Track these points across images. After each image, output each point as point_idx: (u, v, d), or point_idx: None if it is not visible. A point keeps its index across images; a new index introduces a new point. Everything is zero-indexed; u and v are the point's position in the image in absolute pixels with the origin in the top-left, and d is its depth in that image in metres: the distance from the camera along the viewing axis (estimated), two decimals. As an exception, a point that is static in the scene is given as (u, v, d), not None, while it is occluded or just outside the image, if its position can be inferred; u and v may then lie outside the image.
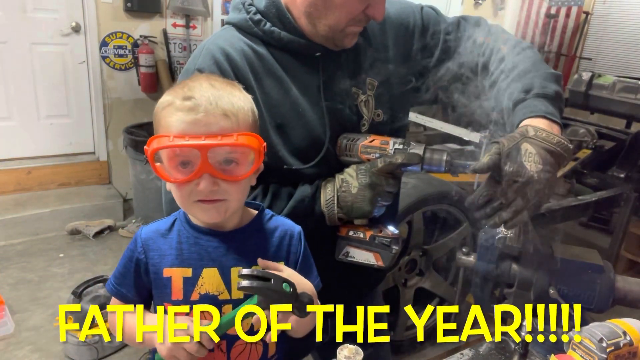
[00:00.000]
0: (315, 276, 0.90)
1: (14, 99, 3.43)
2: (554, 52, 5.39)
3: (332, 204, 0.92)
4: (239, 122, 0.76)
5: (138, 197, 3.47)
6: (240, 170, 0.77)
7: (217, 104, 0.74)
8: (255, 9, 0.97)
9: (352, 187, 0.91)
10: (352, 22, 0.94)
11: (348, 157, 0.98)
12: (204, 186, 0.74)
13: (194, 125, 0.73)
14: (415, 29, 1.10)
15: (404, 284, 2.30)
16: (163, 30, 3.69)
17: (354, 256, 0.94)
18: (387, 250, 0.92)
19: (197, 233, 0.83)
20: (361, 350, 0.72)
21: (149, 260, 0.83)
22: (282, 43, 0.97)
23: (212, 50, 0.95)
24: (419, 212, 2.17)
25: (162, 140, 0.73)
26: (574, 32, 5.27)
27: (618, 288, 0.97)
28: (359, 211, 0.91)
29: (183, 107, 0.74)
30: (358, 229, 0.94)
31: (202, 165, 0.73)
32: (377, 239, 0.92)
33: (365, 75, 1.04)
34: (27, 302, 2.58)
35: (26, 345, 2.28)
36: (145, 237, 0.84)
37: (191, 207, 0.79)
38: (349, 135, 0.99)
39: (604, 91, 3.51)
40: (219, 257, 0.82)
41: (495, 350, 1.03)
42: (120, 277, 0.85)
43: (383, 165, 0.89)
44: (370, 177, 0.90)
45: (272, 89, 0.96)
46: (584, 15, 5.17)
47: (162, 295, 0.83)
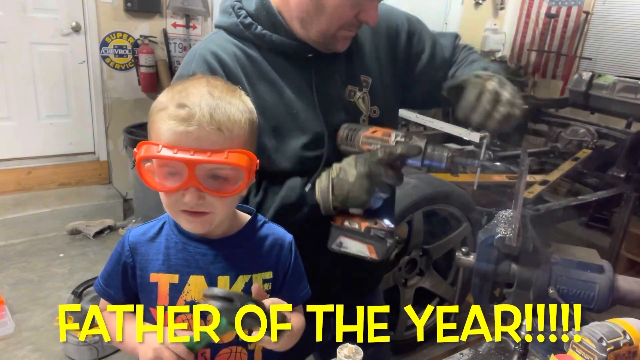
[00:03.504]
0: (304, 286, 0.89)
1: (14, 99, 3.43)
2: (554, 52, 5.39)
3: (326, 192, 0.90)
4: (232, 136, 0.73)
5: (138, 197, 3.47)
6: (229, 187, 0.75)
7: (212, 117, 0.71)
8: (245, 12, 0.97)
9: (350, 175, 0.89)
10: (344, 26, 0.94)
11: (349, 147, 0.96)
12: (189, 199, 0.73)
13: (185, 137, 0.70)
14: (403, 33, 1.12)
15: (404, 284, 2.30)
16: (163, 30, 3.70)
17: (348, 247, 0.92)
18: (382, 243, 0.90)
19: (185, 239, 0.82)
20: (361, 349, 0.72)
21: (136, 264, 0.82)
22: (274, 45, 0.96)
23: (204, 55, 0.94)
24: (419, 212, 2.17)
25: (151, 149, 0.72)
26: (574, 32, 5.27)
27: (618, 288, 0.97)
28: (355, 200, 0.89)
29: (176, 115, 0.71)
30: (353, 219, 0.92)
31: (189, 179, 0.71)
32: (372, 231, 0.90)
33: (359, 72, 1.05)
34: (27, 302, 2.58)
35: (26, 345, 2.28)
36: (132, 241, 0.83)
37: (177, 216, 0.78)
38: (350, 126, 0.98)
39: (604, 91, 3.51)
40: (206, 265, 0.81)
41: (495, 350, 1.03)
42: (108, 278, 0.84)
43: (383, 155, 0.88)
44: (369, 166, 0.88)
45: (265, 92, 0.96)
46: (584, 15, 5.16)
47: (148, 300, 0.82)
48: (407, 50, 1.12)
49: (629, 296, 0.97)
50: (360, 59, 1.06)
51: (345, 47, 1.00)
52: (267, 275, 0.84)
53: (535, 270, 0.98)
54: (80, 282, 2.27)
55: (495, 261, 1.00)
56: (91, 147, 3.79)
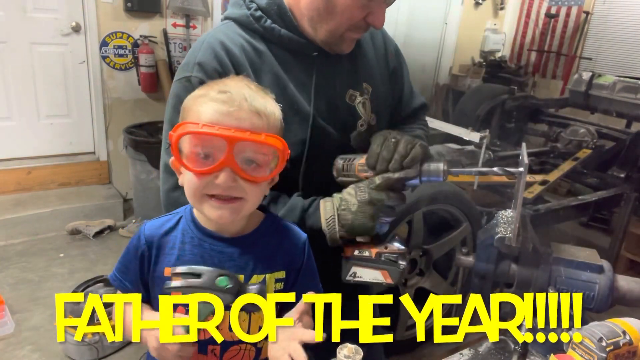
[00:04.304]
0: (316, 284, 0.90)
1: (14, 99, 3.43)
2: (554, 52, 5.39)
3: (332, 222, 0.91)
4: (269, 123, 0.77)
5: (138, 197, 3.47)
6: (260, 173, 0.77)
7: (251, 102, 0.75)
8: (256, 5, 0.98)
9: (351, 204, 0.90)
10: (351, 28, 0.96)
11: (346, 177, 0.97)
12: (223, 180, 0.73)
13: (226, 116, 0.73)
14: (391, 62, 1.16)
15: (404, 284, 2.30)
16: (163, 30, 3.70)
17: (362, 276, 0.92)
18: (395, 267, 0.91)
19: (201, 235, 0.83)
20: (361, 350, 0.72)
21: (152, 257, 0.83)
22: (282, 40, 0.98)
23: (212, 44, 0.95)
24: (419, 212, 2.17)
25: (190, 127, 0.73)
26: (574, 32, 5.27)
27: (618, 288, 0.97)
28: (360, 228, 0.90)
29: (217, 98, 0.74)
30: (363, 247, 0.93)
31: (226, 159, 0.72)
32: (384, 256, 0.91)
33: (362, 79, 1.07)
34: (27, 302, 2.58)
35: (26, 345, 2.28)
36: (148, 234, 0.84)
37: (202, 203, 0.78)
38: (345, 156, 0.99)
39: (604, 91, 3.51)
40: (220, 263, 0.81)
41: (495, 350, 1.03)
42: (124, 270, 0.85)
43: (381, 181, 0.89)
44: (369, 193, 0.89)
45: (270, 85, 0.96)
46: (584, 15, 5.16)
47: (160, 293, 0.82)
48: (390, 79, 1.16)
49: (629, 296, 0.97)
50: (363, 66, 1.08)
51: (350, 48, 1.01)
52: (280, 275, 0.85)
53: (535, 270, 0.98)
54: (80, 282, 2.27)
55: (495, 261, 1.01)
56: (91, 147, 3.79)
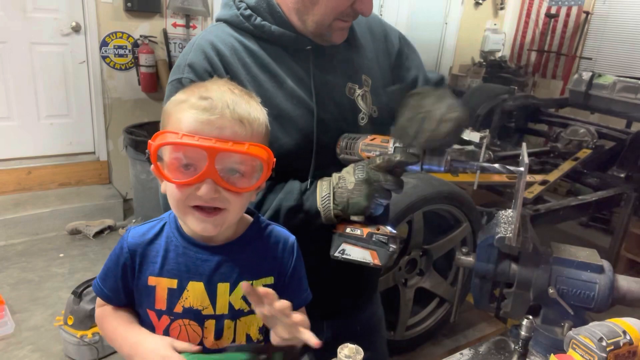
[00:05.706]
0: (305, 288, 0.89)
1: (14, 99, 3.43)
2: (554, 52, 5.39)
3: (327, 200, 0.91)
4: (252, 131, 0.73)
5: (138, 197, 3.47)
6: (244, 183, 0.74)
7: (234, 109, 0.71)
8: (245, 5, 0.98)
9: (349, 182, 0.90)
10: (339, 17, 0.95)
11: (348, 156, 0.97)
12: (205, 192, 0.70)
13: (207, 125, 0.69)
14: (394, 49, 1.15)
15: (404, 283, 2.30)
16: (163, 30, 3.70)
17: (350, 254, 0.91)
18: (385, 249, 0.89)
19: (186, 243, 0.80)
20: (361, 350, 0.72)
21: (135, 266, 0.80)
22: (273, 37, 0.97)
23: (202, 46, 0.95)
24: (419, 212, 2.17)
25: (169, 137, 0.69)
26: (574, 32, 5.27)
27: (618, 288, 0.97)
28: (355, 206, 0.89)
29: (198, 105, 0.70)
30: (355, 226, 0.92)
31: (207, 169, 0.69)
32: (375, 237, 0.90)
33: (360, 71, 1.06)
34: (27, 302, 2.58)
35: (26, 345, 2.28)
36: (131, 242, 0.81)
37: (186, 214, 0.75)
38: (349, 135, 0.98)
39: (604, 91, 3.51)
40: (206, 272, 0.79)
41: (495, 350, 1.03)
42: (105, 278, 0.83)
43: (381, 162, 0.89)
44: (367, 172, 0.89)
45: (266, 82, 0.96)
46: (584, 15, 5.16)
47: (145, 302, 0.81)
48: (396, 65, 1.15)
49: (629, 296, 0.97)
50: (361, 59, 1.07)
51: (341, 38, 1.01)
52: (269, 281, 0.83)
53: (535, 270, 0.98)
54: (80, 282, 2.26)
55: (495, 261, 1.01)
56: (91, 147, 3.79)
